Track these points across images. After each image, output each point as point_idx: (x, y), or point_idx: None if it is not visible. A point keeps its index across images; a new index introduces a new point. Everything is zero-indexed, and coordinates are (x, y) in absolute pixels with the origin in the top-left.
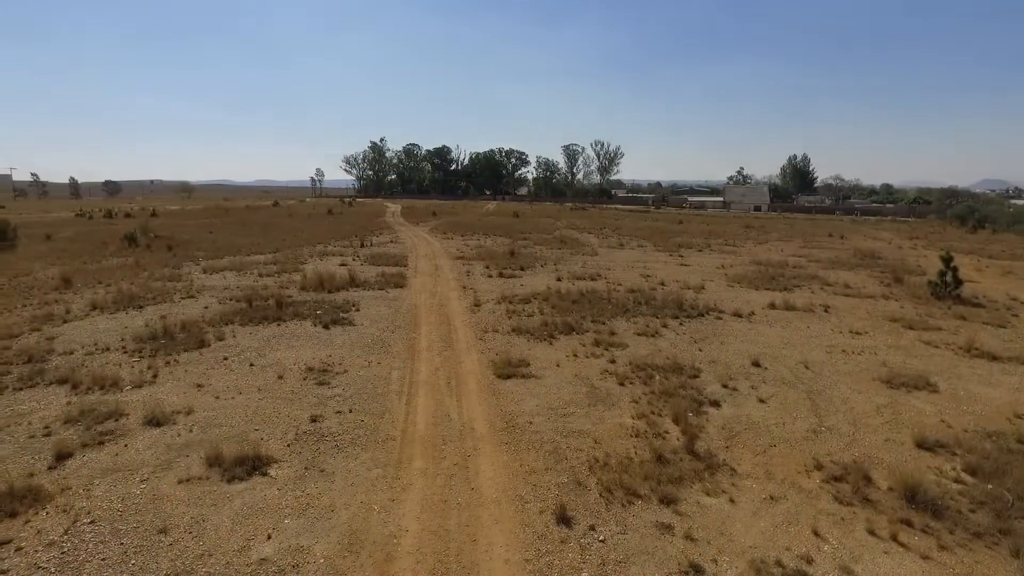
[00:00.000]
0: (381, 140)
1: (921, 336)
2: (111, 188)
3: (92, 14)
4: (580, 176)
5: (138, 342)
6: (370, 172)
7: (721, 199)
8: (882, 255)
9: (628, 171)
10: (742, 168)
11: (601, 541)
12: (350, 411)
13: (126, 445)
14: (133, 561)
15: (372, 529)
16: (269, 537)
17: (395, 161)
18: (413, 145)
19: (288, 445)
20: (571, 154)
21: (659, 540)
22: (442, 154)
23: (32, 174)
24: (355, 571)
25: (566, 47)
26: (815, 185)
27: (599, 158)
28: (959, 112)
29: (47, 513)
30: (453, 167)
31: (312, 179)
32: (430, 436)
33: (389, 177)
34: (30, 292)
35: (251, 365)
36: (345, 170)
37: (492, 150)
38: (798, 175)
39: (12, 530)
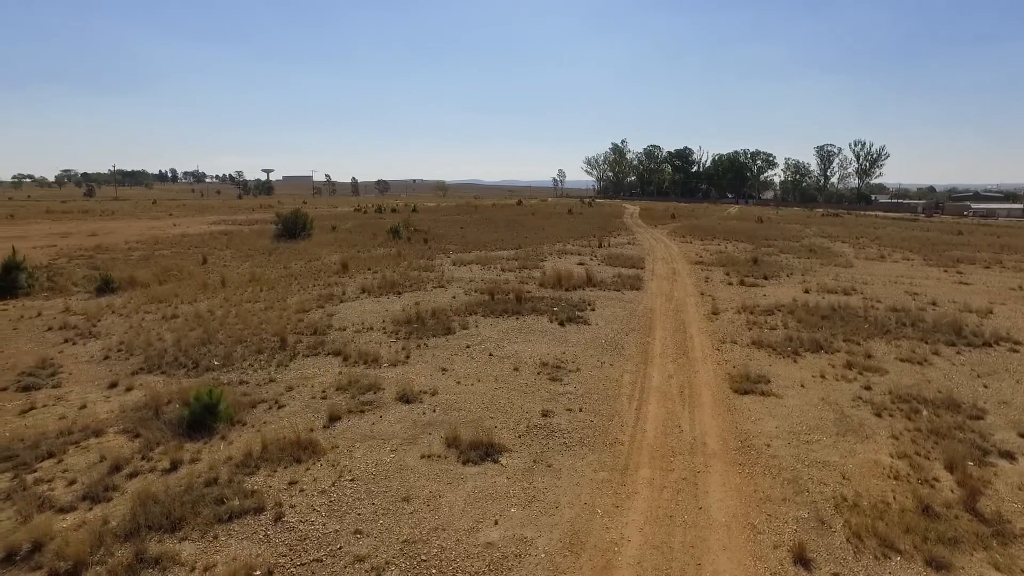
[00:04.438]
0: (622, 142)
1: None
2: (382, 187)
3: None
4: (835, 180)
5: (395, 324)
6: (610, 173)
7: (1019, 206)
8: None
9: (891, 174)
10: None
11: None
12: (580, 410)
13: (381, 416)
14: (381, 521)
15: (594, 532)
16: (496, 523)
17: (635, 163)
18: (654, 147)
19: (519, 436)
20: (825, 155)
21: None
22: (683, 155)
23: (326, 175)
24: (574, 572)
25: (816, 37)
26: None
27: (858, 159)
28: None
29: (320, 465)
30: (694, 169)
31: (554, 179)
32: (659, 446)
33: (629, 178)
34: (318, 275)
35: (490, 355)
36: (586, 171)
37: (736, 151)
38: None
39: (297, 474)
